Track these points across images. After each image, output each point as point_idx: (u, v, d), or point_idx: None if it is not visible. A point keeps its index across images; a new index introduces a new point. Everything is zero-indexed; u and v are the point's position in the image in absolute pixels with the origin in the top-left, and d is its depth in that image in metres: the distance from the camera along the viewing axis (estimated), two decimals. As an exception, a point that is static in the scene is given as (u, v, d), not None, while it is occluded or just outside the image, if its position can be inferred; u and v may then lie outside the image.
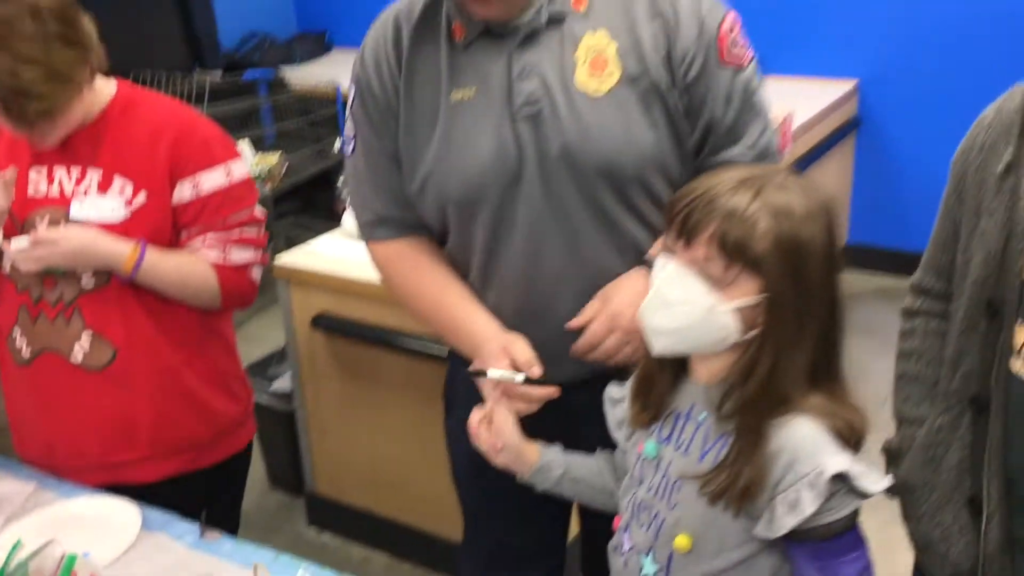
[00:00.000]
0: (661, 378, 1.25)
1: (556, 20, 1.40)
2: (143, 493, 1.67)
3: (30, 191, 1.68)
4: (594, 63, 1.38)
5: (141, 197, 1.66)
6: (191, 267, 1.71)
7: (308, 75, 4.68)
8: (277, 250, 4.45)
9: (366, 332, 2.39)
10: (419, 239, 1.54)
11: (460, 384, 1.65)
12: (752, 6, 4.27)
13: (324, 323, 2.47)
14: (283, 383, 2.85)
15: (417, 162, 1.47)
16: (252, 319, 3.95)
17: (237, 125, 4.21)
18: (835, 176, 4.17)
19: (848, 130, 4.09)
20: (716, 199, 1.10)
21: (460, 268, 1.53)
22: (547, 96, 1.38)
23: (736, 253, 1.09)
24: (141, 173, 1.66)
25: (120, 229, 1.65)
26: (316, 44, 5.42)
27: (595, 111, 1.38)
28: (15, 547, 1.36)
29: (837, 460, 1.09)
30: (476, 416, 1.39)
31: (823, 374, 1.16)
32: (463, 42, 1.43)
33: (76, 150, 1.67)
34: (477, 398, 1.51)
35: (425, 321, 1.58)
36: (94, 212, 1.65)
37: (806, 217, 1.10)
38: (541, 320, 1.47)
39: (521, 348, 1.40)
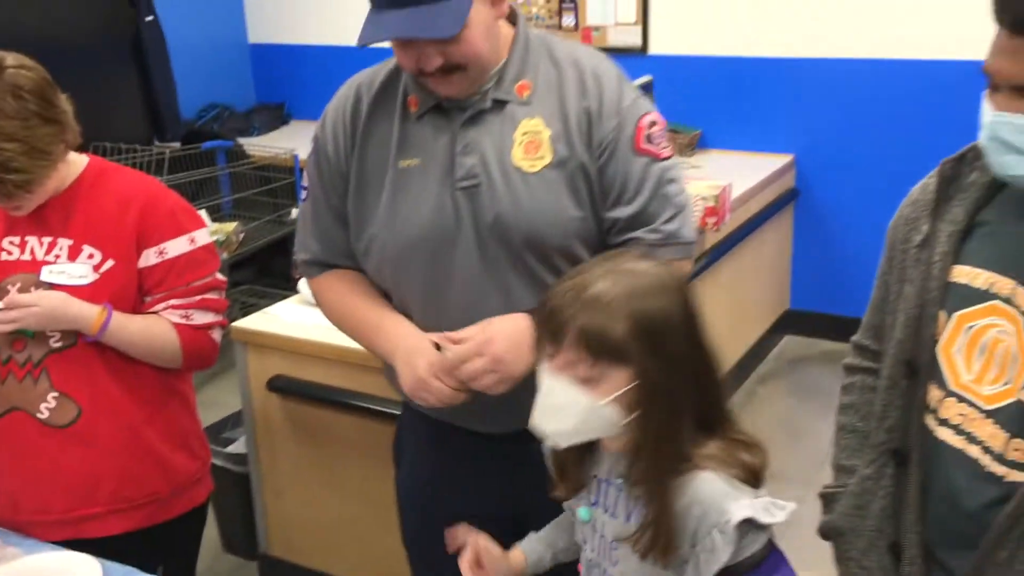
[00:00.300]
0: (572, 454, 1.34)
1: (500, 104, 1.55)
2: (103, 548, 1.71)
3: (3, 257, 1.76)
4: (529, 145, 1.53)
5: (109, 264, 1.75)
6: (155, 328, 1.80)
7: (266, 145, 4.79)
8: (232, 317, 4.50)
9: (320, 393, 2.47)
10: (348, 271, 1.69)
11: (408, 435, 1.74)
12: (697, 87, 4.51)
13: (279, 385, 2.54)
14: (238, 446, 2.89)
15: (364, 222, 1.61)
16: (209, 384, 3.98)
17: (195, 194, 4.28)
18: (776, 245, 4.35)
19: (786, 201, 4.28)
20: (574, 302, 1.20)
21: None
22: (485, 171, 1.53)
23: (599, 351, 1.19)
24: (109, 241, 1.76)
25: (88, 293, 1.73)
26: (274, 116, 5.56)
27: (527, 188, 1.52)
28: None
29: (741, 505, 1.20)
30: (466, 565, 1.44)
31: (714, 422, 1.27)
32: (416, 114, 1.58)
33: (48, 220, 1.76)
34: (424, 447, 1.61)
35: (354, 335, 1.71)
36: (64, 278, 1.74)
37: (659, 294, 1.21)
38: None
39: (441, 365, 1.52)
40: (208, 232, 1.89)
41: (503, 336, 1.48)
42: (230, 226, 4.19)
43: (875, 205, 4.22)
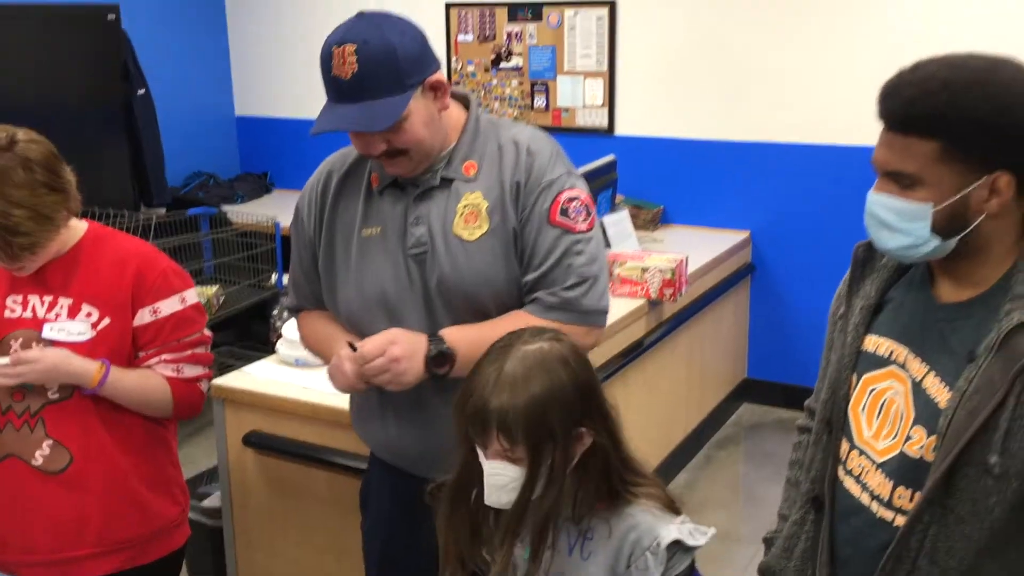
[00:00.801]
0: (463, 532, 1.51)
1: (447, 181, 1.78)
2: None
3: (6, 314, 1.92)
4: (468, 216, 1.75)
5: (105, 321, 1.92)
6: (149, 382, 1.96)
7: (249, 212, 4.96)
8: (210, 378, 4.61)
9: (294, 448, 2.61)
10: (320, 311, 1.97)
11: (373, 482, 1.91)
12: (660, 166, 4.75)
13: (255, 440, 2.67)
14: (213, 500, 3.01)
15: (334, 282, 1.84)
16: (186, 442, 4.10)
17: (178, 258, 4.42)
18: (733, 316, 4.55)
19: (743, 275, 4.50)
20: (484, 409, 1.38)
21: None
22: (431, 241, 1.75)
23: (514, 440, 1.38)
24: (106, 301, 1.92)
25: (86, 349, 1.89)
26: (258, 184, 5.74)
27: (465, 254, 1.74)
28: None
29: (670, 529, 1.39)
30: None
31: (627, 469, 1.46)
32: (377, 189, 1.82)
33: (49, 280, 1.92)
34: (385, 494, 1.78)
35: (316, 351, 1.98)
36: (64, 335, 1.90)
37: (546, 376, 1.38)
38: (430, 424, 1.77)
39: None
40: (196, 292, 2.06)
41: (403, 344, 1.68)
42: (211, 289, 4.34)
43: (827, 280, 4.44)
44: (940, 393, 1.34)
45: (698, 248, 4.16)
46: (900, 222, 1.33)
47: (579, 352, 1.47)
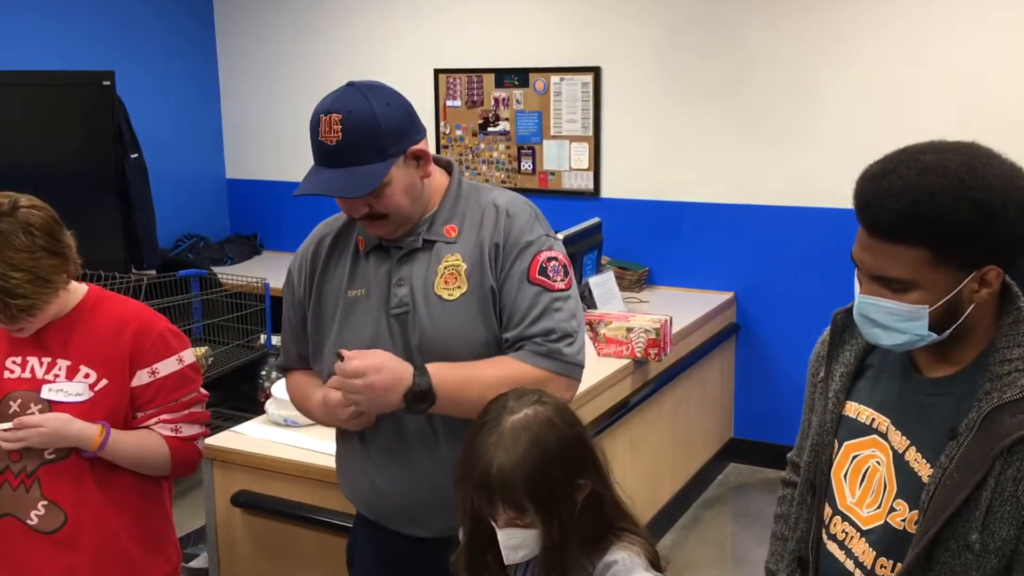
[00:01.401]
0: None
1: (429, 243, 1.84)
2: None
3: (5, 375, 1.95)
4: (448, 276, 1.81)
5: (103, 383, 1.95)
6: (148, 442, 1.99)
7: (238, 274, 5.01)
8: (207, 435, 4.61)
9: (282, 508, 2.62)
10: (307, 371, 2.02)
11: (359, 539, 1.94)
12: (645, 227, 4.83)
13: (243, 500, 2.69)
14: (200, 561, 3.01)
15: (321, 343, 1.89)
16: (175, 502, 4.06)
17: (168, 319, 4.46)
18: (719, 377, 4.59)
19: (728, 335, 4.55)
20: (486, 483, 1.45)
21: (345, 433, 1.92)
22: (412, 301, 1.80)
23: (519, 509, 1.45)
24: (104, 363, 1.95)
25: (83, 409, 1.92)
26: (247, 246, 5.78)
27: (445, 313, 1.79)
28: None
29: (644, 575, 1.41)
30: None
31: (617, 513, 1.50)
32: (364, 251, 1.88)
33: (48, 342, 1.96)
34: (369, 550, 1.80)
35: (300, 406, 2.01)
36: (62, 395, 1.93)
37: (536, 444, 1.45)
38: (413, 481, 1.81)
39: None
40: (192, 353, 2.10)
41: (386, 374, 1.71)
42: (200, 350, 4.35)
43: (812, 340, 4.49)
44: (922, 468, 1.37)
45: (683, 309, 4.22)
46: (897, 323, 1.34)
47: (563, 409, 1.53)
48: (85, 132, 4.66)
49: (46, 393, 1.93)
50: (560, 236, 3.67)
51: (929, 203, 1.27)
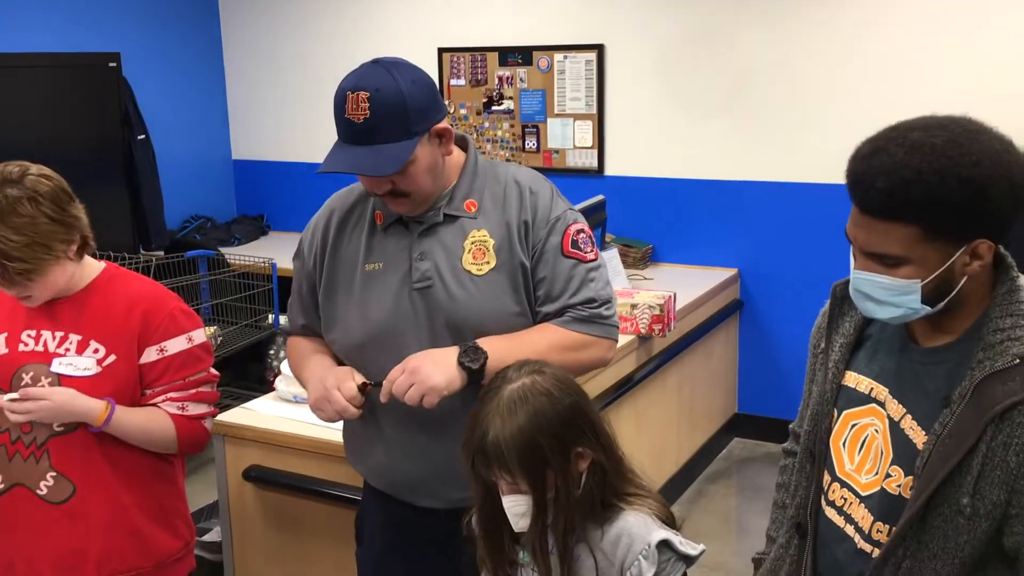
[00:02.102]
0: (494, 538, 1.61)
1: (451, 218, 1.86)
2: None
3: (20, 348, 1.99)
4: (476, 252, 1.83)
5: (111, 358, 1.99)
6: (154, 421, 2.02)
7: (246, 255, 5.04)
8: (215, 415, 4.65)
9: (293, 482, 2.67)
10: (313, 337, 2.03)
11: (367, 510, 1.98)
12: (649, 205, 4.85)
13: (254, 475, 2.74)
14: (213, 535, 3.06)
15: (334, 316, 1.90)
16: (187, 478, 4.12)
17: (180, 298, 4.50)
18: (723, 352, 4.63)
19: (731, 311, 4.58)
20: (481, 450, 1.49)
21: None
22: (438, 275, 1.82)
23: (516, 475, 1.48)
24: (114, 339, 1.99)
25: (90, 384, 1.96)
26: (254, 227, 5.81)
27: (475, 288, 1.81)
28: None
29: (661, 532, 1.45)
30: None
31: (623, 480, 1.53)
32: (382, 226, 1.89)
33: (61, 316, 2.00)
34: (378, 522, 1.84)
35: (295, 371, 2.03)
36: (71, 369, 1.97)
37: (529, 410, 1.48)
38: (422, 452, 1.84)
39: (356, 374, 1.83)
40: (203, 332, 2.12)
41: (421, 355, 1.75)
42: (209, 330, 4.40)
43: (815, 316, 4.53)
44: (917, 435, 1.42)
45: (687, 285, 4.25)
46: (890, 297, 1.38)
47: (562, 379, 1.56)
48: (92, 114, 4.70)
49: (56, 367, 1.96)
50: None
51: (917, 181, 1.29)
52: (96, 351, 1.98)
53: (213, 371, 2.13)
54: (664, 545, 1.46)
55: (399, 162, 1.72)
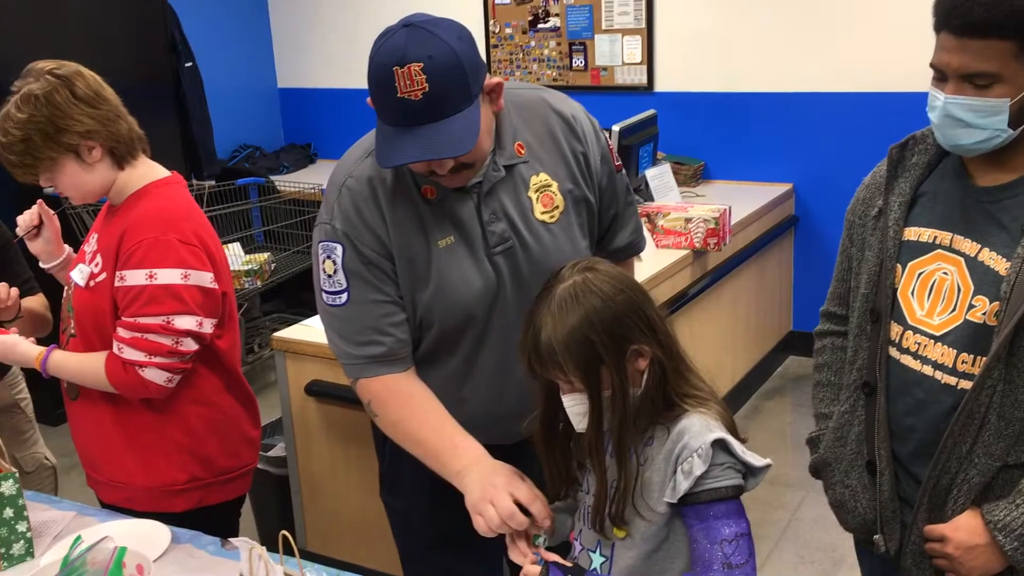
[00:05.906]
0: (559, 452, 1.60)
1: (509, 169, 1.72)
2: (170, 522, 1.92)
3: (84, 247, 2.08)
4: (544, 199, 1.75)
5: (102, 276, 1.97)
6: (88, 364, 1.99)
7: (295, 182, 5.08)
8: (261, 345, 4.73)
9: (354, 395, 2.67)
10: (402, 377, 1.73)
11: (406, 471, 1.93)
12: (700, 121, 4.76)
13: (316, 389, 2.77)
14: (277, 451, 3.12)
15: (417, 299, 1.73)
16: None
17: (230, 227, 4.56)
18: (777, 269, 4.57)
19: (786, 227, 4.51)
20: (536, 350, 1.46)
21: (436, 365, 1.79)
22: (515, 234, 1.73)
23: (571, 374, 1.45)
24: (106, 255, 1.96)
25: (81, 294, 2.01)
26: (302, 155, 5.85)
27: (551, 236, 1.75)
28: (75, 541, 1.64)
29: (718, 433, 1.43)
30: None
31: (684, 380, 1.51)
32: (436, 199, 1.69)
33: (105, 224, 2.03)
34: (420, 485, 1.83)
35: (411, 446, 1.74)
36: (76, 276, 2.03)
37: (579, 308, 1.44)
38: (502, 396, 1.79)
39: (525, 491, 1.56)
40: (180, 274, 1.91)
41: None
42: (262, 256, 4.45)
43: (871, 230, 4.43)
44: (998, 264, 1.49)
45: (741, 201, 4.18)
46: (979, 119, 1.45)
47: (615, 276, 1.50)
48: (139, 42, 4.69)
49: (73, 273, 2.04)
50: (616, 128, 3.65)
51: None
52: (96, 264, 1.99)
53: (178, 324, 1.91)
54: (721, 449, 1.43)
55: (473, 134, 1.53)
